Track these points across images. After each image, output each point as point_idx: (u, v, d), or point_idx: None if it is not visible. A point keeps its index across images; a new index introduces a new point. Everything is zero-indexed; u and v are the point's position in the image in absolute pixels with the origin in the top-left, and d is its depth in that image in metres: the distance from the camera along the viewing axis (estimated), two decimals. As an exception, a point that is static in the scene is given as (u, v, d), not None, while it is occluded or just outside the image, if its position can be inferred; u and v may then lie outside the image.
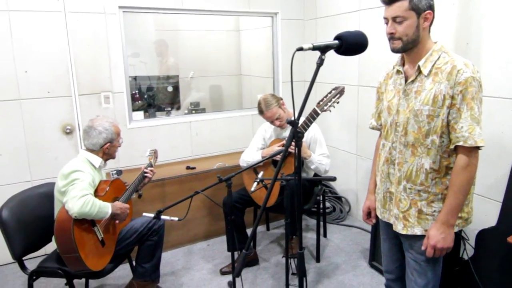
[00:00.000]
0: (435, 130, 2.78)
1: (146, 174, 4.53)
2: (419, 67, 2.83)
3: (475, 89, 2.66)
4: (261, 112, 5.05)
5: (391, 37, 2.80)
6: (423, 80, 2.82)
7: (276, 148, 5.00)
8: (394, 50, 2.85)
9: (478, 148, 2.71)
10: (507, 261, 3.72)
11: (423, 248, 2.89)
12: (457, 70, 2.68)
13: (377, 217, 3.35)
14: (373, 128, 3.41)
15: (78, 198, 3.56)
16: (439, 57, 2.80)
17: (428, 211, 2.91)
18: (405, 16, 2.72)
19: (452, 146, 2.77)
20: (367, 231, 6.02)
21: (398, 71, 3.03)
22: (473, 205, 3.03)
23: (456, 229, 2.89)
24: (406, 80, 2.94)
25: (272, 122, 5.11)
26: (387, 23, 2.83)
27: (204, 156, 6.58)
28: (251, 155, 5.25)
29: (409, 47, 2.81)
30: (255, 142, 5.46)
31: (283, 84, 7.13)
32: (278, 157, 4.77)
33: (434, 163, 2.84)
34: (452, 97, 2.69)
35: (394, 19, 2.76)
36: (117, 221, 4.06)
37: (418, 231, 2.95)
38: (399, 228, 3.05)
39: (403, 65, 3.00)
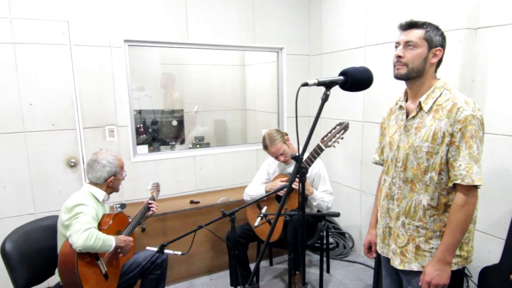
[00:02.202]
0: (434, 167, 2.81)
1: (150, 207, 4.53)
2: (420, 103, 2.86)
3: (474, 128, 2.69)
4: (265, 147, 5.06)
5: (398, 61, 2.84)
6: (424, 116, 2.86)
7: (279, 182, 5.00)
8: (397, 76, 2.88)
9: (476, 187, 2.72)
10: (510, 299, 3.68)
11: (420, 284, 2.90)
12: (458, 107, 2.71)
13: (378, 252, 3.35)
14: (376, 163, 3.44)
15: (82, 232, 3.57)
16: (441, 94, 2.84)
17: (426, 248, 2.93)
18: (418, 44, 2.79)
19: (450, 184, 2.79)
20: (370, 267, 5.97)
21: (400, 107, 3.06)
22: (473, 244, 3.04)
23: (455, 268, 2.91)
24: (407, 116, 2.97)
25: (276, 158, 5.12)
26: (396, 47, 2.88)
27: (208, 190, 6.56)
28: (255, 190, 5.24)
29: (413, 76, 2.85)
30: (259, 177, 5.46)
31: (287, 119, 7.14)
32: (282, 192, 4.77)
33: (432, 200, 2.86)
34: (452, 135, 2.72)
35: (406, 43, 2.82)
36: (120, 254, 4.05)
37: (415, 267, 2.97)
38: (396, 263, 3.07)
39: (406, 101, 3.03)
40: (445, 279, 2.81)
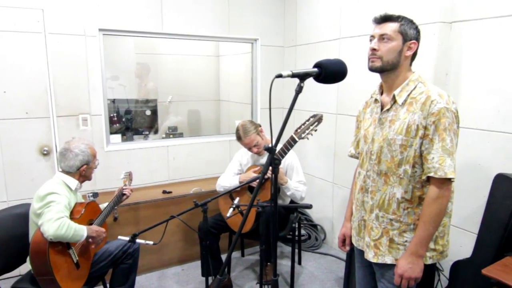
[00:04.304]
0: (407, 160, 2.80)
1: (125, 192, 4.53)
2: (394, 96, 2.86)
3: (448, 120, 2.68)
4: (239, 138, 5.07)
5: (373, 54, 2.84)
6: (398, 109, 2.85)
7: (253, 174, 5.02)
8: (372, 68, 2.88)
9: (449, 180, 2.71)
10: (482, 293, 3.70)
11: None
12: (431, 100, 2.70)
13: (352, 245, 3.35)
14: (351, 156, 3.43)
15: (54, 221, 3.55)
16: (415, 87, 2.83)
17: (400, 241, 2.91)
18: (392, 37, 2.78)
19: (424, 177, 2.78)
20: (341, 259, 6.01)
21: (376, 100, 3.05)
22: (449, 238, 3.03)
23: (430, 262, 2.90)
24: (382, 109, 2.97)
25: (249, 149, 5.14)
26: (371, 40, 2.88)
27: (181, 180, 6.57)
28: (228, 180, 5.26)
29: (387, 69, 2.84)
30: (231, 168, 5.48)
31: (261, 111, 7.17)
32: (255, 183, 4.79)
33: (406, 193, 2.85)
34: (425, 128, 2.71)
35: (381, 36, 2.81)
36: (92, 246, 4.04)
37: (388, 260, 2.95)
38: (369, 256, 3.05)
39: (381, 94, 3.03)
40: (418, 272, 2.80)
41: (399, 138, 2.80)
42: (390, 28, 2.79)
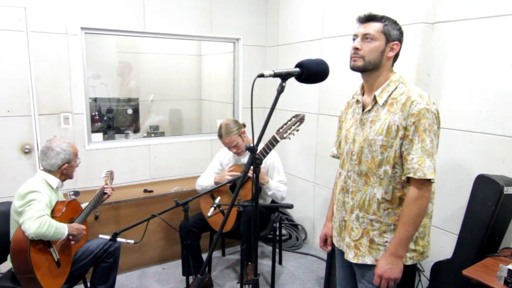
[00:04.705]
0: (388, 161, 2.80)
1: (106, 191, 4.54)
2: (375, 96, 2.87)
3: (428, 121, 2.69)
4: (220, 136, 5.09)
5: (355, 53, 2.84)
6: (379, 110, 2.85)
7: (227, 175, 5.04)
8: (354, 68, 2.88)
9: (429, 180, 2.72)
10: (462, 294, 3.73)
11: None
12: (411, 101, 2.71)
13: (333, 245, 3.35)
14: (333, 157, 3.43)
15: (35, 219, 3.56)
16: (396, 88, 2.84)
17: (380, 241, 2.91)
18: (376, 37, 2.79)
19: (404, 177, 2.79)
20: (322, 259, 6.04)
21: (357, 101, 3.06)
22: (430, 239, 3.04)
23: (410, 262, 2.91)
24: (363, 110, 2.98)
25: (229, 148, 5.15)
26: (354, 40, 2.88)
27: (162, 179, 6.56)
28: (206, 180, 5.29)
29: (369, 69, 2.84)
30: (211, 167, 5.51)
31: (243, 110, 7.18)
32: (237, 183, 4.81)
33: (386, 193, 2.85)
34: (405, 128, 2.72)
35: (364, 36, 2.81)
36: (72, 242, 4.04)
37: (368, 260, 2.95)
38: (350, 256, 3.05)
39: (363, 94, 3.03)
40: (397, 273, 2.81)
41: (380, 138, 2.80)
42: (374, 28, 2.80)
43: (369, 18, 2.85)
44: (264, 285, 5.43)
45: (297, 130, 4.33)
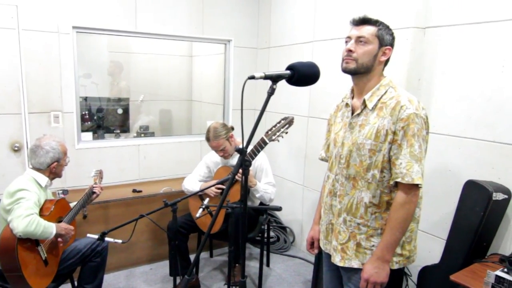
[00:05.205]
0: (376, 165, 2.81)
1: (95, 190, 4.54)
2: (364, 100, 2.88)
3: (417, 126, 2.70)
4: (207, 139, 5.08)
5: (348, 55, 2.83)
6: (368, 114, 2.86)
7: (211, 182, 5.06)
8: (346, 70, 2.88)
9: (417, 186, 2.73)
10: (449, 300, 3.75)
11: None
12: (401, 106, 2.72)
13: (320, 248, 3.35)
14: (322, 160, 3.43)
15: (23, 218, 3.56)
16: (385, 92, 2.85)
17: (367, 245, 2.92)
18: (370, 40, 2.80)
19: (392, 182, 2.80)
20: (310, 262, 6.04)
21: (347, 104, 3.06)
22: (416, 244, 3.05)
23: (396, 266, 2.91)
24: (353, 113, 2.98)
25: (216, 152, 5.16)
26: (347, 42, 2.88)
27: (151, 180, 6.56)
28: (191, 184, 5.32)
29: (360, 72, 2.85)
30: (198, 170, 5.52)
31: (233, 112, 7.19)
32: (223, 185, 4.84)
33: (374, 198, 2.86)
34: (394, 133, 2.73)
35: (358, 39, 2.81)
36: (61, 244, 4.04)
37: (355, 264, 2.96)
38: (336, 260, 3.05)
39: (353, 98, 3.04)
40: (383, 277, 2.81)
41: (368, 142, 2.81)
42: (368, 31, 2.81)
43: (363, 21, 2.86)
44: (252, 287, 5.43)
45: (286, 133, 4.35)
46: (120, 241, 3.72)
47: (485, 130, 4.05)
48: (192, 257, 5.41)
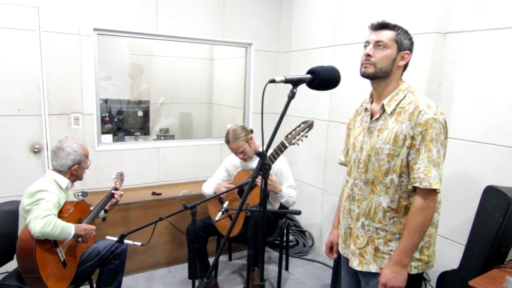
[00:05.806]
0: (394, 169, 2.80)
1: (115, 196, 4.53)
2: (383, 105, 2.87)
3: (435, 131, 2.69)
4: (227, 142, 5.07)
5: (367, 59, 2.83)
6: (387, 118, 2.85)
7: (223, 188, 5.04)
8: (364, 74, 2.87)
9: (435, 190, 2.71)
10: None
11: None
12: (419, 111, 2.71)
13: (339, 252, 3.34)
14: (341, 164, 3.42)
15: (41, 218, 3.56)
16: (404, 97, 2.84)
17: (385, 250, 2.91)
18: (388, 45, 2.79)
19: (410, 187, 2.79)
20: (329, 266, 6.01)
21: (366, 109, 3.06)
22: (435, 249, 3.02)
23: (415, 271, 2.89)
24: (371, 118, 2.97)
25: (236, 154, 5.14)
26: (366, 46, 2.88)
27: (171, 182, 6.57)
28: (209, 188, 5.34)
29: (379, 76, 2.84)
30: (217, 174, 5.52)
31: (253, 115, 7.18)
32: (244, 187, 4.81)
33: (392, 202, 2.85)
34: (413, 138, 2.72)
35: (377, 43, 2.81)
36: (80, 240, 4.03)
37: (373, 268, 2.95)
38: (354, 264, 3.05)
39: (372, 103, 3.03)
40: (401, 282, 2.79)
41: (387, 147, 2.80)
42: (387, 35, 2.80)
43: (382, 26, 2.85)
44: (270, 291, 5.41)
45: (306, 136, 4.32)
46: (139, 243, 3.71)
47: (506, 136, 4.02)
48: (211, 260, 5.39)
